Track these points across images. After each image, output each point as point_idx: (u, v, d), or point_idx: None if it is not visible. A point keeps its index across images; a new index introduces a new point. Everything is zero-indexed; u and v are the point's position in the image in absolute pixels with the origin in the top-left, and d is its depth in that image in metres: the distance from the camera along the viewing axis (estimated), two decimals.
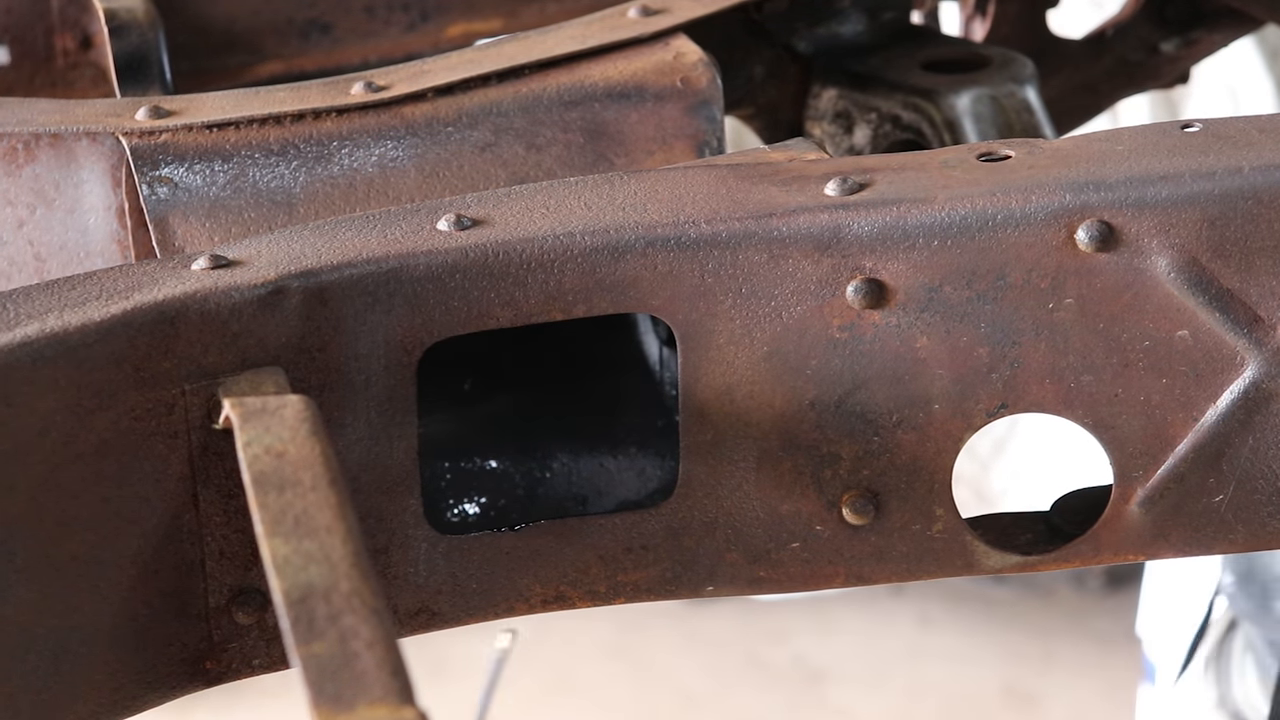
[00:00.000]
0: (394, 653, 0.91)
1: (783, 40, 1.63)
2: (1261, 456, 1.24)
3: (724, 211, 1.20)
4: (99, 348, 1.11)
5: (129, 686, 1.18)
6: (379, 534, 1.21)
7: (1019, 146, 1.25)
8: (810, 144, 1.31)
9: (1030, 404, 1.23)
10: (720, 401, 1.22)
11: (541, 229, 1.19)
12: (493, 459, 1.38)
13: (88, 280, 1.15)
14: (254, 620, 1.20)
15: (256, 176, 1.36)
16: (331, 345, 1.17)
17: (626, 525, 1.25)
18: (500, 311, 1.19)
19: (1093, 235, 1.19)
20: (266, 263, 1.17)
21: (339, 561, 0.96)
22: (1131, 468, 1.24)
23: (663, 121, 1.41)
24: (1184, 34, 1.85)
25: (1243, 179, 1.19)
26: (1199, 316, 1.21)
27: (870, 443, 1.23)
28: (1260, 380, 1.22)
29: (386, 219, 1.21)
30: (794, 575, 1.26)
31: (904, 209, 1.19)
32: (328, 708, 0.87)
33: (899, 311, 1.21)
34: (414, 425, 1.20)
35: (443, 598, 1.24)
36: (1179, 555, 1.26)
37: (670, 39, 1.45)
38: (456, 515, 1.36)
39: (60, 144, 1.38)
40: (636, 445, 1.38)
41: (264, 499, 1.02)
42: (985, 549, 1.27)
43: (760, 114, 1.67)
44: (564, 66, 1.43)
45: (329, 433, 1.10)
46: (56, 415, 1.10)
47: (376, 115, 1.39)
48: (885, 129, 1.59)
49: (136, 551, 1.15)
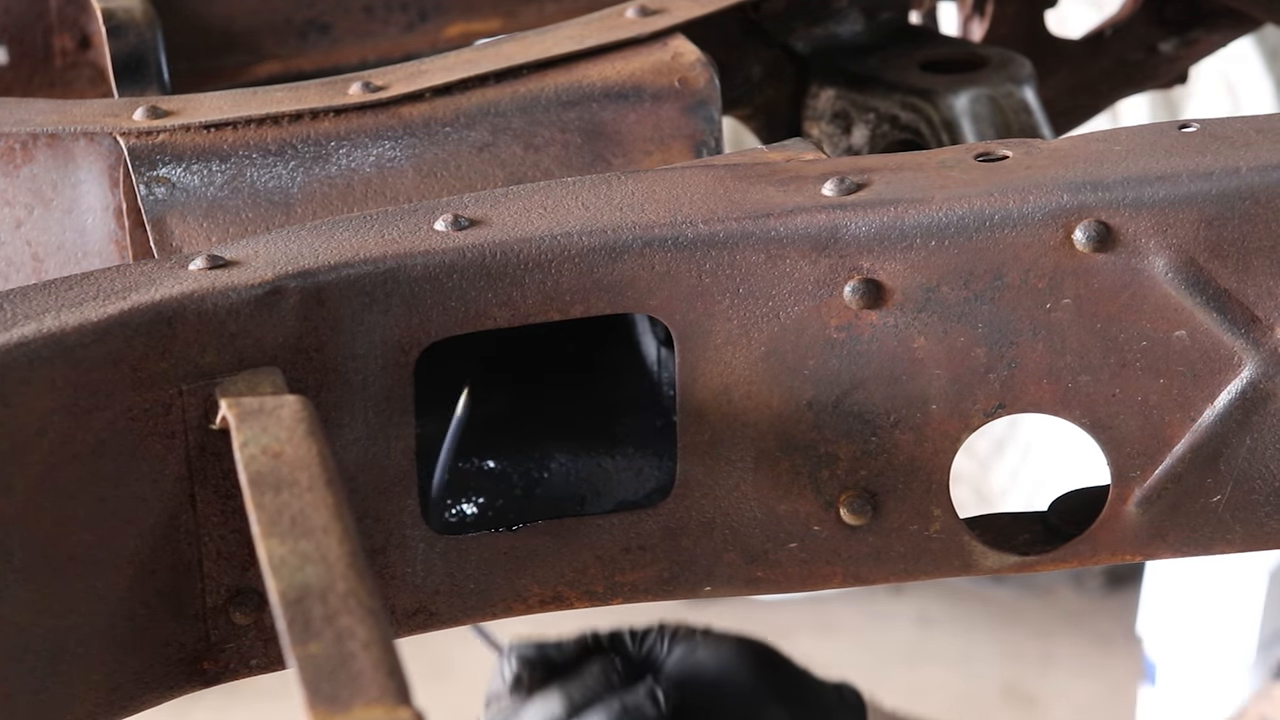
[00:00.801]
0: (390, 653, 0.91)
1: (780, 40, 1.63)
2: (1259, 456, 1.24)
3: (721, 212, 1.20)
4: (96, 348, 1.11)
5: (126, 686, 1.18)
6: (376, 534, 1.21)
7: (1017, 147, 1.25)
8: (808, 144, 1.31)
9: (1028, 404, 1.23)
10: (718, 402, 1.22)
11: (539, 229, 1.19)
12: (490, 459, 1.38)
13: (85, 280, 1.15)
14: (251, 620, 1.20)
15: (254, 177, 1.36)
16: (329, 345, 1.17)
17: (624, 525, 1.25)
18: (497, 312, 1.19)
19: (1090, 235, 1.19)
20: (264, 263, 1.17)
21: (335, 562, 0.96)
22: (1129, 468, 1.24)
23: (660, 121, 1.41)
24: (1183, 34, 1.84)
25: (1240, 179, 1.19)
26: (1196, 317, 1.21)
27: (868, 443, 1.23)
28: (1257, 380, 1.22)
29: (384, 219, 1.21)
30: (792, 575, 1.26)
31: (901, 209, 1.19)
32: (324, 708, 0.87)
33: (896, 312, 1.21)
34: (411, 425, 1.20)
35: (440, 598, 1.24)
36: (1177, 555, 1.26)
37: (668, 39, 1.45)
38: (454, 515, 1.36)
39: (58, 144, 1.38)
40: (634, 445, 1.38)
41: (260, 499, 1.02)
42: (983, 549, 1.27)
43: (758, 114, 1.66)
44: (562, 67, 1.43)
45: (326, 433, 1.10)
46: (54, 415, 1.10)
47: (374, 115, 1.39)
48: (883, 129, 1.59)
49: (134, 552, 1.15)
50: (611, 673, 1.64)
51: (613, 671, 1.64)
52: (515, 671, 1.65)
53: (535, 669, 1.64)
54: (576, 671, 1.65)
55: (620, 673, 1.64)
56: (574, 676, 1.65)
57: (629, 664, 1.66)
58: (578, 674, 1.65)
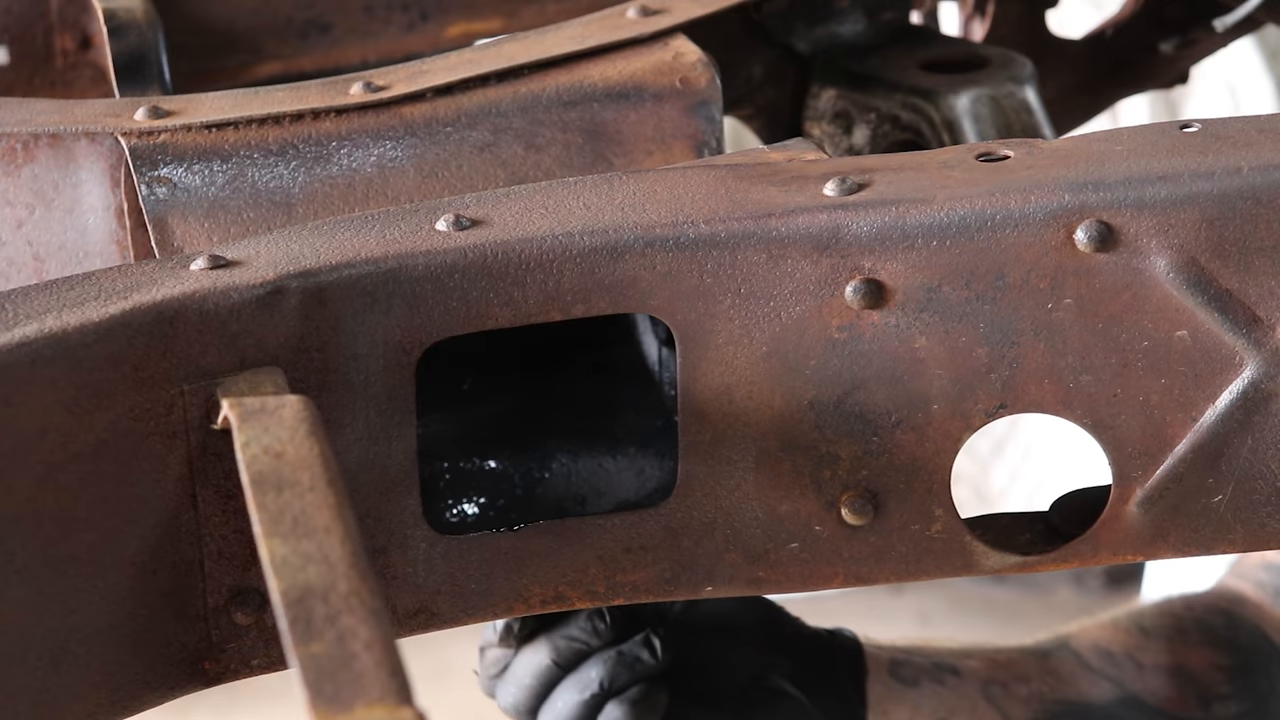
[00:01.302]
0: (392, 653, 0.91)
1: (782, 40, 1.63)
2: (1260, 457, 1.24)
3: (723, 212, 1.20)
4: (98, 348, 1.11)
5: (127, 687, 1.18)
6: (378, 534, 1.21)
7: (1018, 147, 1.25)
8: (809, 144, 1.31)
9: (1029, 404, 1.23)
10: (719, 402, 1.22)
11: (540, 229, 1.19)
12: (492, 459, 1.38)
13: (86, 280, 1.15)
14: (253, 620, 1.20)
15: (255, 177, 1.36)
16: (330, 345, 1.17)
17: (625, 525, 1.25)
18: (499, 312, 1.19)
19: (1091, 235, 1.19)
20: (265, 263, 1.17)
21: (337, 562, 0.96)
22: (1130, 468, 1.24)
23: (662, 122, 1.41)
24: (1183, 34, 1.84)
25: (1241, 179, 1.19)
26: (1198, 317, 1.21)
27: (869, 443, 1.23)
28: (1259, 380, 1.22)
29: (385, 219, 1.21)
30: (793, 575, 1.26)
31: (903, 209, 1.19)
32: (325, 708, 0.87)
33: (898, 312, 1.20)
34: (413, 425, 1.20)
35: (441, 598, 1.24)
36: (1178, 555, 1.26)
37: (669, 39, 1.45)
38: (455, 515, 1.36)
39: (59, 144, 1.38)
40: (635, 445, 1.38)
41: (262, 499, 1.01)
42: (984, 549, 1.27)
43: (759, 114, 1.66)
44: (563, 66, 1.43)
45: (327, 433, 1.10)
46: (55, 415, 1.10)
47: (375, 115, 1.39)
48: (884, 129, 1.59)
49: (135, 552, 1.15)
50: (599, 621, 1.65)
51: (600, 621, 1.65)
52: (505, 622, 1.66)
53: (525, 619, 1.65)
54: (564, 621, 1.66)
55: (608, 622, 1.65)
56: (562, 626, 1.66)
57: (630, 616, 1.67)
58: (565, 624, 1.66)
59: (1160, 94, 3.11)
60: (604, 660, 1.65)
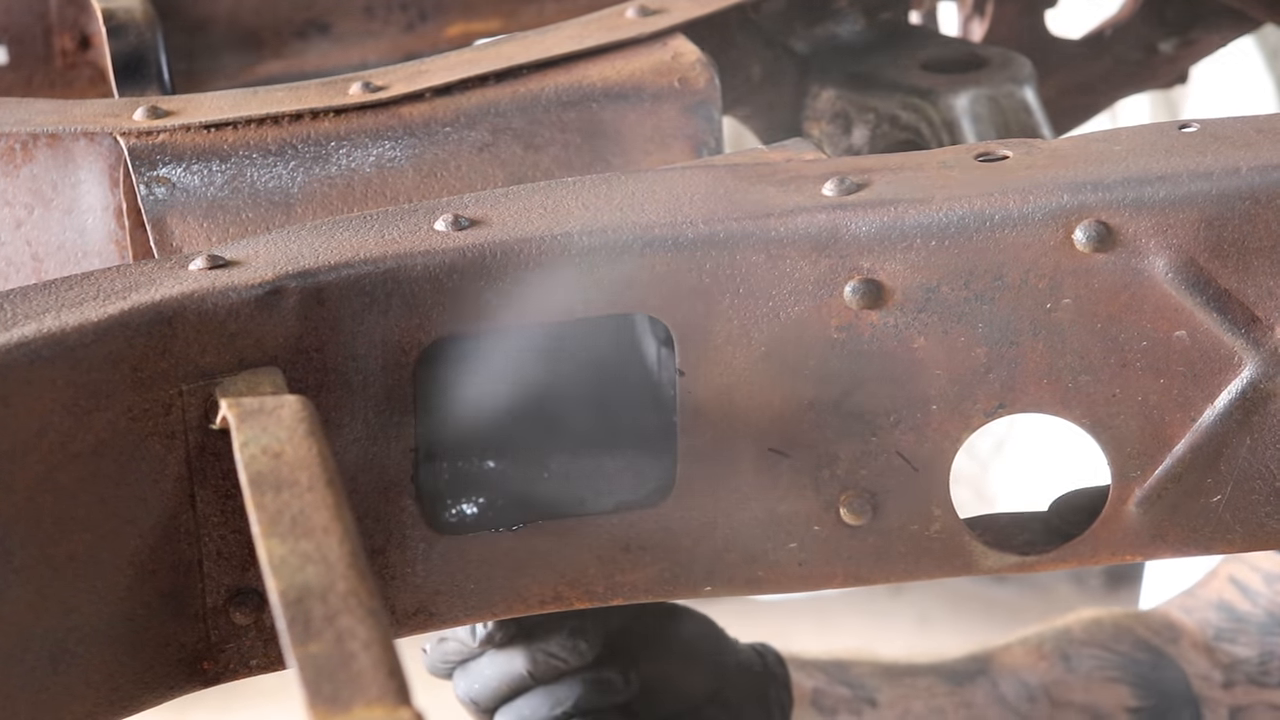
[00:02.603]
0: (391, 653, 0.91)
1: (781, 40, 1.63)
2: (1259, 456, 1.24)
3: (721, 212, 1.20)
4: (96, 348, 1.11)
5: (126, 687, 1.18)
6: (376, 534, 1.21)
7: (1017, 147, 1.25)
8: (808, 144, 1.31)
9: (1028, 404, 1.23)
10: (718, 402, 1.22)
11: (539, 229, 1.19)
12: (491, 459, 1.38)
13: (85, 280, 1.15)
14: (251, 621, 1.20)
15: (254, 177, 1.36)
16: (329, 345, 1.17)
17: (624, 525, 1.25)
18: (498, 312, 1.19)
19: (1090, 235, 1.19)
20: (264, 263, 1.17)
21: (336, 562, 0.96)
22: (1129, 468, 1.24)
23: (660, 122, 1.41)
24: (1183, 34, 1.84)
25: (1240, 179, 1.19)
26: (1196, 317, 1.21)
27: (868, 443, 1.23)
28: (1258, 380, 1.22)
29: (384, 219, 1.21)
30: (792, 575, 1.26)
31: (902, 209, 1.19)
32: (324, 708, 0.87)
33: (896, 312, 1.21)
34: (411, 426, 1.20)
35: (440, 598, 1.24)
36: (1177, 555, 1.26)
37: (668, 39, 1.45)
38: (454, 515, 1.36)
39: (58, 144, 1.38)
40: (634, 445, 1.38)
41: (261, 499, 1.01)
42: (983, 549, 1.27)
43: (758, 114, 1.66)
44: (562, 67, 1.43)
45: (326, 433, 1.10)
46: (54, 415, 1.10)
47: (374, 115, 1.39)
48: (883, 129, 1.59)
49: (134, 552, 1.15)
50: (581, 641, 1.65)
51: (582, 641, 1.65)
52: (489, 630, 1.65)
53: (508, 625, 1.65)
54: (545, 634, 1.65)
55: (589, 644, 1.65)
56: (542, 640, 1.65)
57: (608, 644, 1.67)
58: (546, 638, 1.65)
59: (1160, 94, 3.12)
60: (581, 682, 1.65)
